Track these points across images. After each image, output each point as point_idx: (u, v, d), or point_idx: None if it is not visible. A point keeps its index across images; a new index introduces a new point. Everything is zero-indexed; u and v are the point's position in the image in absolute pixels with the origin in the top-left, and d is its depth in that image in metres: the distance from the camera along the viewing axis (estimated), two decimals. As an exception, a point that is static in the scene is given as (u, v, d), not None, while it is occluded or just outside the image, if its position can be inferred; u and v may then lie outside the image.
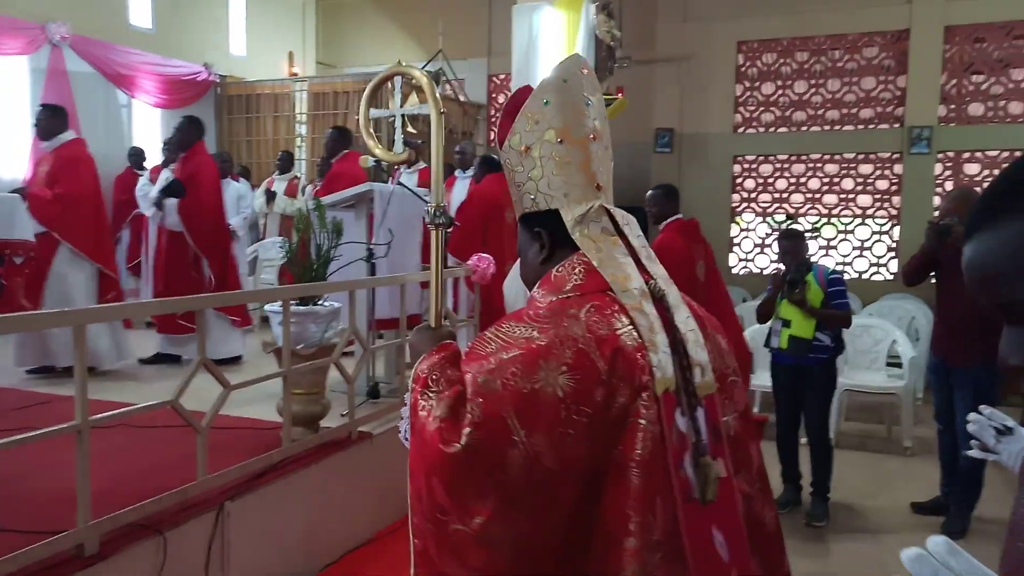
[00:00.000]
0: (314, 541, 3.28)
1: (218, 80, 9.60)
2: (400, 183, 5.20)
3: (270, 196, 7.82)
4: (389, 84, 6.40)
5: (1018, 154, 7.98)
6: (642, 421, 1.13)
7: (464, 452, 1.11)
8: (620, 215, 1.30)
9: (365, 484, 3.61)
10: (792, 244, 4.35)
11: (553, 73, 1.31)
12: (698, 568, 1.13)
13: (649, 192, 4.52)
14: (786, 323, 4.29)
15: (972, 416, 1.30)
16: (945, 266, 4.04)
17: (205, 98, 9.50)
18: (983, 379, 3.85)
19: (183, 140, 5.45)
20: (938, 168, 8.17)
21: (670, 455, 1.13)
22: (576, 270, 1.25)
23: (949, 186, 8.04)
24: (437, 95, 1.52)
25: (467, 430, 1.11)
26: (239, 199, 7.32)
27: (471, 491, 1.11)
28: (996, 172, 7.70)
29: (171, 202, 5.32)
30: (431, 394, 1.21)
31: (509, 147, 1.31)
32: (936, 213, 7.75)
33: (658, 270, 1.27)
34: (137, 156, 7.86)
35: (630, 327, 1.17)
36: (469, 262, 4.07)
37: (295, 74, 10.34)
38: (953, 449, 4.11)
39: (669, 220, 4.35)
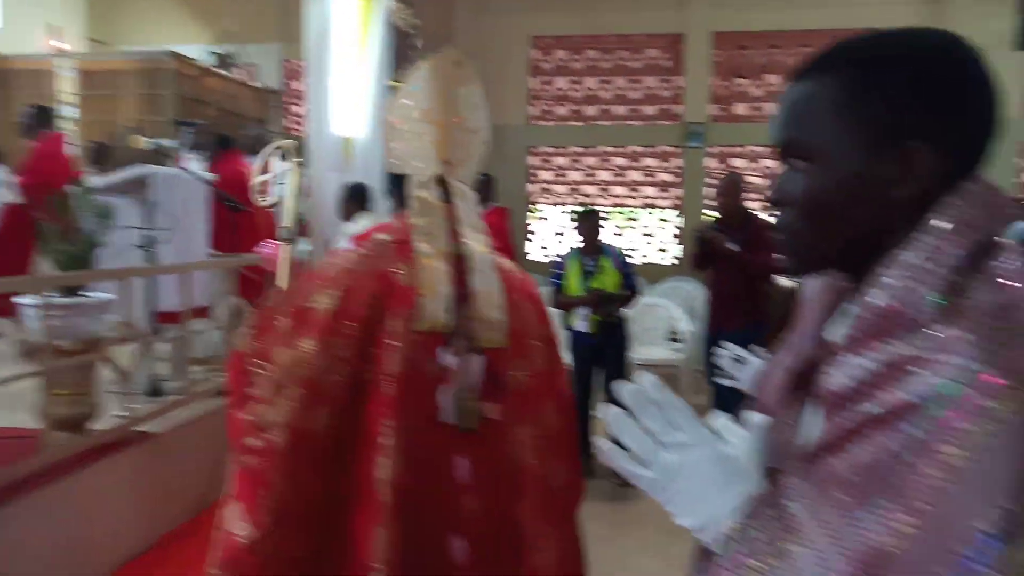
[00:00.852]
0: (84, 553, 2.97)
1: (-37, 53, 8.39)
2: (183, 167, 4.86)
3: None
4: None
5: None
6: (398, 343, 1.37)
7: (247, 350, 1.45)
8: (458, 188, 1.53)
9: (146, 487, 3.33)
10: (589, 223, 4.60)
11: (430, 63, 1.54)
12: (427, 479, 1.35)
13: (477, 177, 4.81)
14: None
15: (715, 350, 1.47)
16: (715, 258, 4.51)
17: (-54, 72, 8.27)
18: (745, 339, 4.30)
19: None
20: (712, 162, 8.98)
21: (424, 381, 1.37)
22: (399, 223, 1.51)
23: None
24: (299, 156, 2.18)
25: (248, 334, 1.46)
26: (-8, 186, 6.45)
27: (247, 380, 1.41)
28: (757, 165, 8.54)
29: None
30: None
31: (389, 119, 1.58)
32: (709, 202, 8.52)
33: (477, 236, 1.50)
34: None
35: (413, 271, 1.40)
36: (262, 249, 3.89)
37: (60, 50, 9.28)
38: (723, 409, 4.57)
39: (490, 206, 4.65)
